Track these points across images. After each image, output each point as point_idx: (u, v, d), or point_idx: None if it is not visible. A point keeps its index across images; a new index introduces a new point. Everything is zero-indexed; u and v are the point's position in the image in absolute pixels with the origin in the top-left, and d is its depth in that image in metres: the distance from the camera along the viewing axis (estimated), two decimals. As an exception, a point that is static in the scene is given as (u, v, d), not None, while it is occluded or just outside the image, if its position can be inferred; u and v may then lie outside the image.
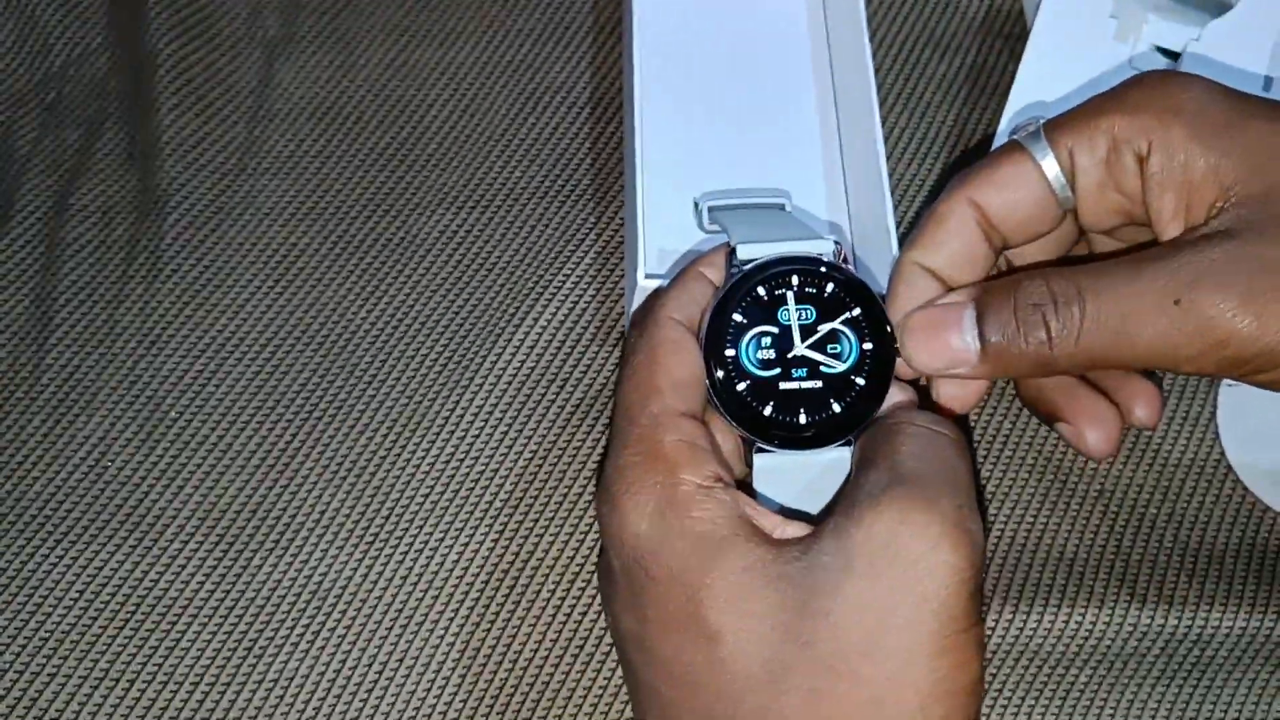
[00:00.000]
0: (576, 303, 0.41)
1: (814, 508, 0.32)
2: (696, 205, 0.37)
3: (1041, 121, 0.32)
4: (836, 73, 0.45)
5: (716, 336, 0.31)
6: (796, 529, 0.29)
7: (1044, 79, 0.41)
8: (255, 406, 0.39)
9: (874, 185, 0.39)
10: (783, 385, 0.31)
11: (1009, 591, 0.38)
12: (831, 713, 0.26)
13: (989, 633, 0.38)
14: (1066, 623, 0.38)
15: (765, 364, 0.31)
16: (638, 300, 0.37)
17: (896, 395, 0.32)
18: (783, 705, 0.27)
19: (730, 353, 0.31)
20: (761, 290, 0.32)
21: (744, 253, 0.32)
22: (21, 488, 0.37)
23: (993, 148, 0.40)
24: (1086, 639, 0.38)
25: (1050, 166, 0.31)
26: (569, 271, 0.42)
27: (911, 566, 0.26)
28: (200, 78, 0.45)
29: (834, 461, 0.31)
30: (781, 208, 0.36)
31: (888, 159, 0.40)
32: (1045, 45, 0.42)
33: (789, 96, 0.45)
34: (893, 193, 0.39)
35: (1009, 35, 0.48)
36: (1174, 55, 0.42)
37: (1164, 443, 0.41)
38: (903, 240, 0.35)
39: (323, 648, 0.35)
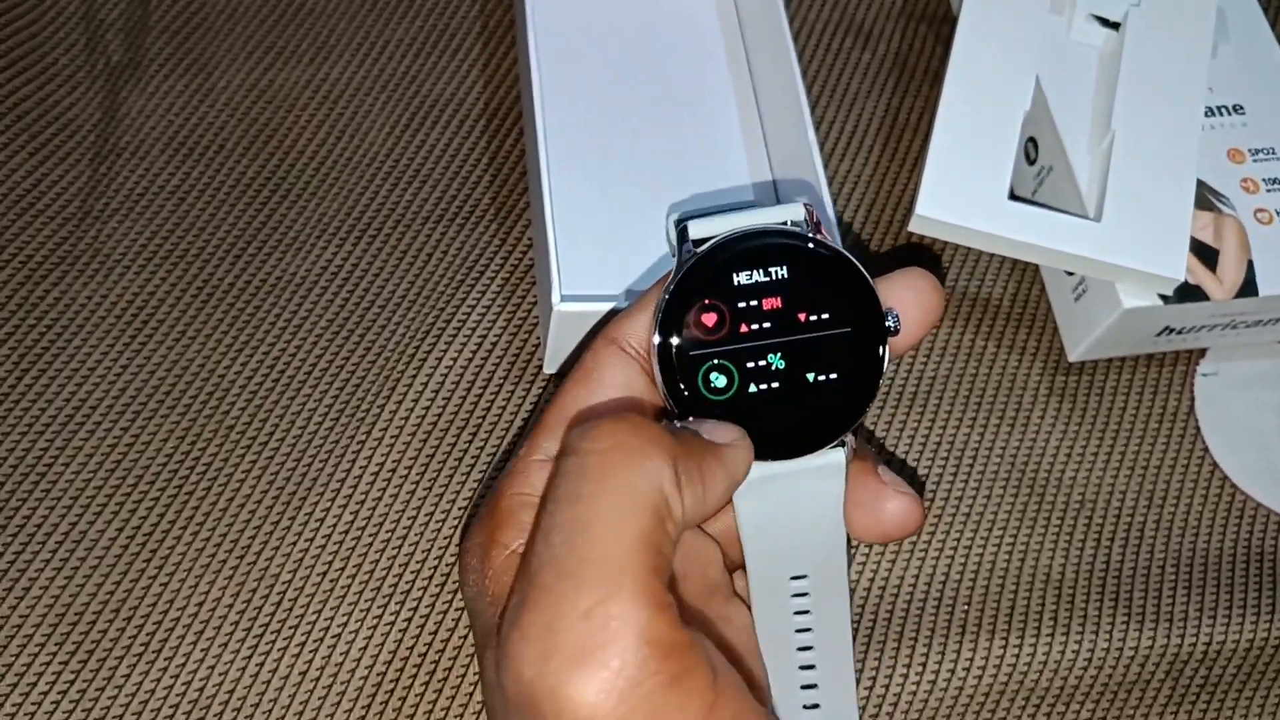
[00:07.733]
0: (485, 337, 0.36)
1: (807, 537, 0.27)
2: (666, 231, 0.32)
3: None
4: (754, 64, 0.41)
5: (672, 322, 0.26)
6: None
7: (979, 57, 0.38)
8: (112, 486, 0.33)
9: (808, 182, 0.35)
10: (758, 386, 0.26)
11: (995, 622, 0.34)
12: None
13: (979, 669, 0.33)
14: (1062, 653, 0.34)
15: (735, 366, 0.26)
16: (554, 325, 0.32)
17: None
18: None
19: (695, 352, 0.26)
20: (723, 275, 0.26)
21: (697, 230, 0.27)
22: None
23: (933, 137, 0.36)
24: (1085, 669, 0.34)
25: None
26: (474, 302, 0.37)
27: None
28: (34, 113, 0.39)
29: (827, 467, 0.26)
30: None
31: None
32: (978, 20, 0.38)
33: (704, 94, 0.41)
34: (829, 188, 0.35)
35: (932, 18, 0.45)
36: (1113, 25, 0.39)
37: (1144, 442, 0.38)
38: (844, 237, 0.30)
39: (208, 769, 0.30)
